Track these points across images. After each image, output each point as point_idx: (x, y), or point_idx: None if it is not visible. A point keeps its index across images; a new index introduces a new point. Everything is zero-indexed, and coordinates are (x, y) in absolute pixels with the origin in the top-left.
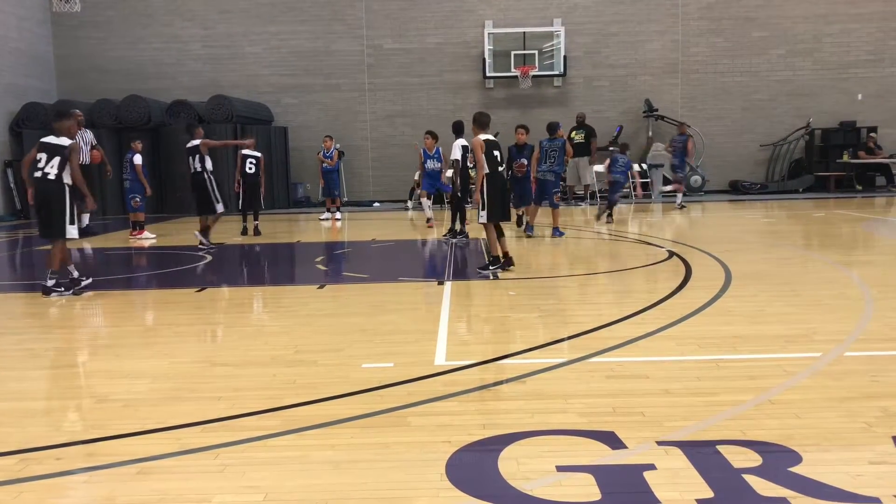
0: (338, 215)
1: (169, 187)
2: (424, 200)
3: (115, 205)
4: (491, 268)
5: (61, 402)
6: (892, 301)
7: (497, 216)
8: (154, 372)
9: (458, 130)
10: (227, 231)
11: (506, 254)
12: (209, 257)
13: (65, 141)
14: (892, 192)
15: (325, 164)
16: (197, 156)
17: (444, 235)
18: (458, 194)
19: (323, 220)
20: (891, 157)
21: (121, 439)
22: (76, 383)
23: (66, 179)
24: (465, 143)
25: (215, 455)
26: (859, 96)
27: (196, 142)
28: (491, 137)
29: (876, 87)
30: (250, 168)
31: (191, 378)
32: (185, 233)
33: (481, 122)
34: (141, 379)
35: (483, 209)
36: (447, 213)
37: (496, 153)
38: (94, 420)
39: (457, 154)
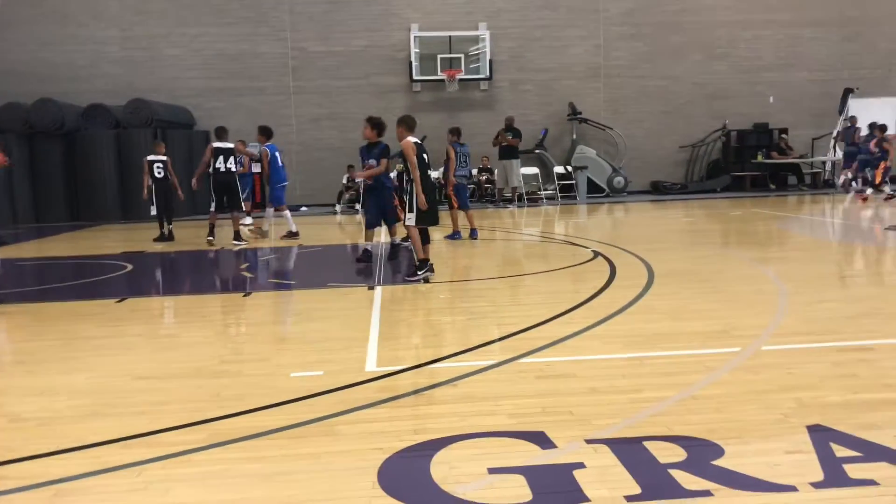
0: (247, 220)
1: (83, 194)
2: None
3: (28, 213)
4: (420, 273)
5: None
6: (805, 296)
7: (427, 220)
8: (71, 388)
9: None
10: (143, 238)
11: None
12: (129, 267)
13: None
14: (803, 191)
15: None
16: (231, 156)
17: (405, 240)
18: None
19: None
20: (801, 157)
21: (35, 460)
22: None
23: None
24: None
25: (138, 472)
26: (771, 99)
27: (230, 144)
28: (419, 140)
29: (786, 90)
30: (159, 173)
31: (111, 393)
32: (103, 240)
33: (409, 125)
34: (57, 396)
35: (412, 211)
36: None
37: (425, 156)
38: (6, 441)
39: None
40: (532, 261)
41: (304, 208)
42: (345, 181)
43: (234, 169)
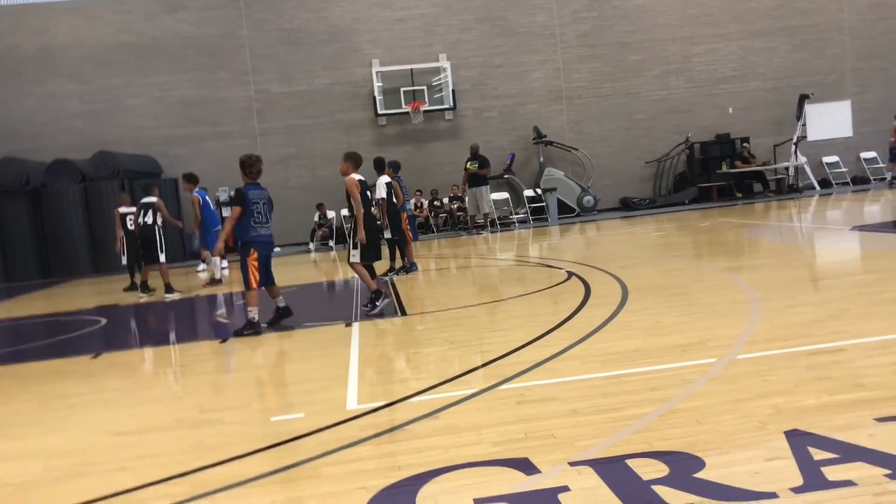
0: (200, 267)
1: (52, 250)
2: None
3: None
4: (378, 304)
5: None
6: (776, 302)
7: (372, 256)
8: (49, 449)
9: (380, 167)
10: (115, 290)
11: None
12: (103, 321)
13: None
14: (768, 197)
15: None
16: (150, 210)
17: (386, 274)
18: (387, 232)
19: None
20: (764, 164)
21: None
22: None
23: None
24: (388, 179)
25: None
26: (730, 110)
27: (153, 199)
28: (362, 178)
29: (743, 100)
30: (130, 225)
31: (90, 451)
32: (76, 295)
33: (356, 162)
34: (35, 459)
35: (355, 248)
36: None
37: (368, 193)
38: None
39: (382, 192)
40: (508, 285)
41: (276, 248)
42: (316, 219)
43: (150, 222)
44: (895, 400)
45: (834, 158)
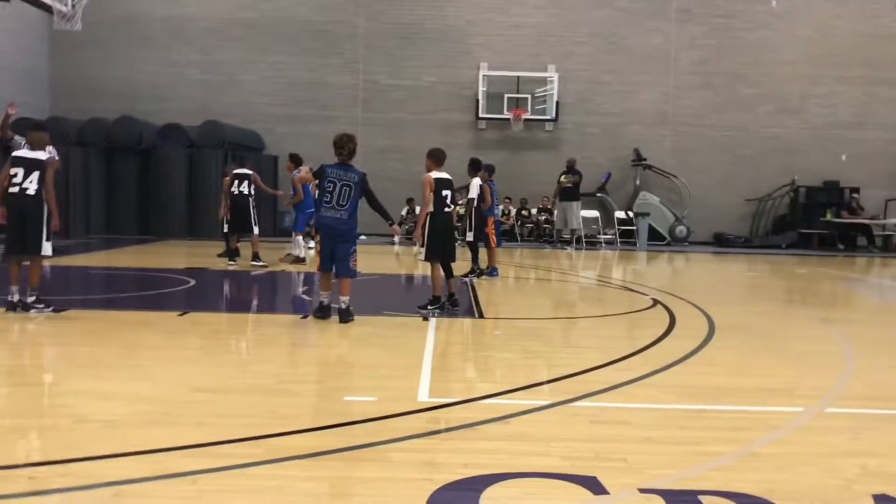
0: (310, 244)
1: (153, 209)
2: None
3: (101, 224)
4: (430, 307)
5: (37, 420)
6: (873, 359)
7: (435, 256)
8: (134, 395)
9: (474, 168)
10: (208, 255)
11: (451, 294)
12: (192, 282)
13: (41, 154)
14: (872, 254)
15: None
16: (246, 181)
17: (466, 276)
18: (469, 234)
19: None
20: (872, 218)
21: (98, 461)
22: (53, 402)
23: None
24: (480, 182)
25: (193, 481)
26: (843, 157)
27: (248, 171)
28: (444, 176)
29: (859, 148)
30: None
31: (171, 403)
32: (170, 255)
33: (438, 159)
34: (120, 401)
35: (422, 246)
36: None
37: (445, 193)
38: (71, 441)
39: (473, 193)
40: (588, 304)
41: (362, 237)
42: (404, 213)
43: (245, 192)
44: None
45: None
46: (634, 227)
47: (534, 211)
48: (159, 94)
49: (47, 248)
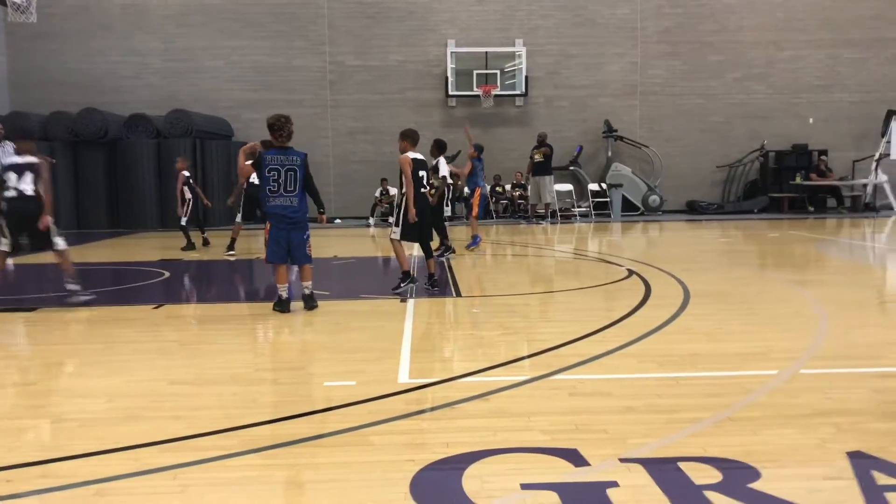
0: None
1: (123, 201)
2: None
3: (70, 219)
4: (402, 285)
5: (12, 421)
6: (845, 319)
7: (411, 236)
8: (111, 391)
9: (441, 149)
10: (179, 246)
11: (431, 275)
12: (167, 274)
13: (31, 158)
14: (842, 214)
15: None
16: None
17: (442, 255)
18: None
19: None
20: (841, 179)
21: (76, 460)
22: (29, 402)
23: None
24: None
25: (174, 476)
26: (810, 120)
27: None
28: (419, 156)
29: (826, 111)
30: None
31: (149, 397)
32: (143, 248)
33: (413, 139)
34: (98, 398)
35: (397, 226)
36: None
37: (422, 173)
38: (50, 441)
39: (444, 171)
40: (565, 277)
41: (338, 220)
42: (378, 194)
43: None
44: None
45: None
46: (608, 199)
47: (507, 187)
48: (123, 84)
49: (59, 242)
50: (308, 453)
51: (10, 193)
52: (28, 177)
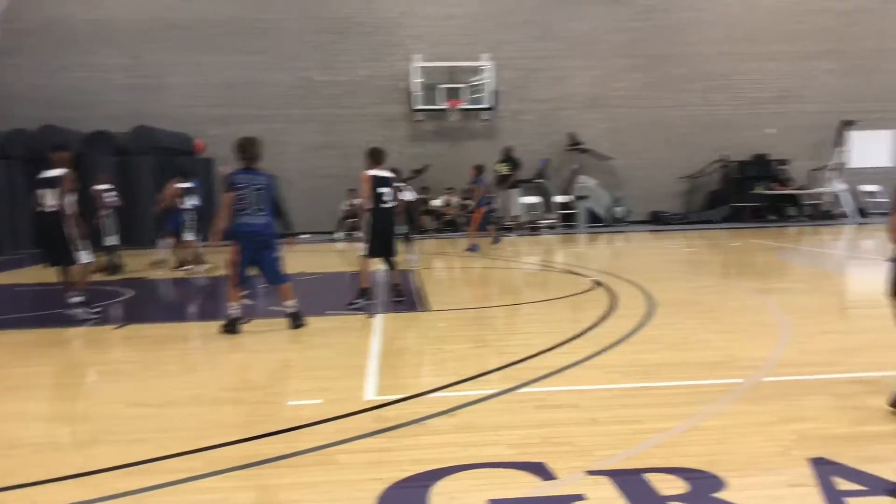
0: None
1: (85, 219)
2: None
3: (28, 239)
4: (358, 301)
5: None
6: (807, 327)
7: (376, 252)
8: (70, 415)
9: (377, 158)
10: (144, 263)
11: (396, 285)
12: (129, 293)
13: (57, 172)
14: (802, 222)
15: None
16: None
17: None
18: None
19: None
20: (800, 188)
21: (32, 487)
22: None
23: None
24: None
25: (138, 500)
26: (772, 131)
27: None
28: (383, 173)
29: (785, 122)
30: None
31: (110, 420)
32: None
33: (375, 158)
34: (56, 422)
35: (367, 243)
36: None
37: (384, 190)
38: (4, 467)
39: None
40: (532, 289)
41: (304, 235)
42: (345, 206)
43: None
44: None
45: (875, 188)
46: (574, 211)
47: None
48: (85, 100)
49: (82, 256)
50: (274, 474)
51: (39, 208)
52: (50, 191)
